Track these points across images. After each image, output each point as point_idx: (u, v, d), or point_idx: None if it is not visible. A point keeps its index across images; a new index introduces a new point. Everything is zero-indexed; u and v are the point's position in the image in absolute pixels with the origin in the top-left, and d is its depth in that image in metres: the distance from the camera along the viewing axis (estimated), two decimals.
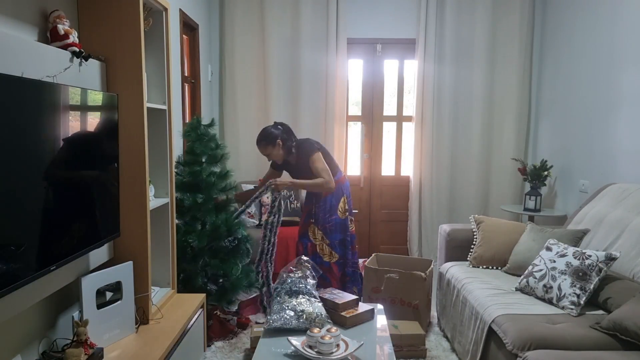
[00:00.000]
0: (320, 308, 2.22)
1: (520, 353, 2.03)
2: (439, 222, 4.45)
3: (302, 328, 2.13)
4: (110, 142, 2.01)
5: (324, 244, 3.30)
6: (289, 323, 2.15)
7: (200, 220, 2.97)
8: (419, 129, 4.62)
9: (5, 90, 1.37)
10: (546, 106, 4.45)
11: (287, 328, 2.15)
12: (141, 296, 2.21)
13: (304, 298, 2.23)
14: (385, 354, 2.05)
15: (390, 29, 4.61)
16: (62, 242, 1.70)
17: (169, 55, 2.40)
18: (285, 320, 2.16)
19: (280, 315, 2.18)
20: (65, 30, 1.78)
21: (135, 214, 2.18)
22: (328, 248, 3.30)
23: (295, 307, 2.18)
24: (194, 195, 2.91)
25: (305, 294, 2.25)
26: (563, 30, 4.15)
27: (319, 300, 2.30)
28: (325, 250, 3.30)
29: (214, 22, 4.56)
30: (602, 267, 2.41)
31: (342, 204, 3.32)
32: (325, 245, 3.30)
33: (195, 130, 2.98)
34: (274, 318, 2.18)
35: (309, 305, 2.20)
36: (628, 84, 3.27)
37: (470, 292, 2.69)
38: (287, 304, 2.21)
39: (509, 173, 4.64)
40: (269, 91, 4.56)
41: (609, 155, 3.46)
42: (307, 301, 2.22)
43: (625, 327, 2.00)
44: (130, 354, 1.95)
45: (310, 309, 2.18)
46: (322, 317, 2.18)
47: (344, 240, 3.33)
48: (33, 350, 1.78)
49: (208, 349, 2.86)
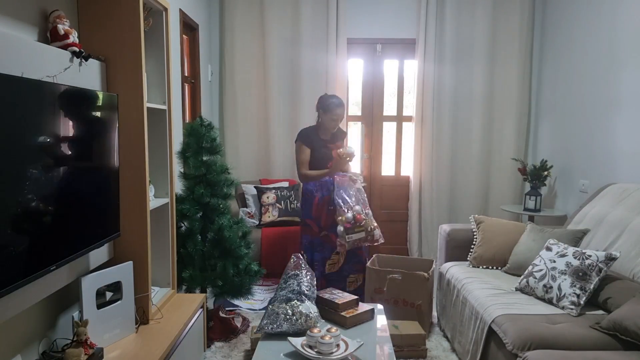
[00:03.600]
0: (309, 307, 2.18)
1: (520, 353, 2.03)
2: (439, 222, 4.45)
3: (295, 330, 2.12)
4: (110, 142, 2.01)
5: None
6: (279, 327, 2.13)
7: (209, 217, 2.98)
8: (419, 129, 4.62)
9: (5, 90, 1.37)
10: (546, 106, 4.45)
11: (279, 332, 2.13)
12: (141, 296, 2.21)
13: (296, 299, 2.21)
14: (385, 354, 2.05)
15: (390, 29, 4.61)
16: (62, 242, 1.70)
17: (169, 55, 2.40)
18: (276, 325, 2.14)
19: (271, 319, 2.16)
20: (65, 30, 1.78)
21: (135, 214, 2.18)
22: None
23: (287, 310, 2.16)
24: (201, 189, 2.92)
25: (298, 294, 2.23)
26: (563, 30, 4.15)
27: (311, 298, 2.27)
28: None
29: (214, 22, 4.56)
30: (602, 267, 2.41)
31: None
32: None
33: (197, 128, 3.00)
34: (264, 323, 2.17)
35: (298, 306, 2.17)
36: (628, 84, 3.27)
37: (470, 292, 2.69)
38: (280, 307, 2.19)
39: (509, 173, 4.64)
40: (269, 91, 4.57)
41: (609, 155, 3.46)
42: (297, 302, 2.19)
43: (625, 327, 2.00)
44: (130, 354, 1.95)
45: (300, 309, 2.16)
46: (312, 316, 2.16)
47: None
48: (33, 350, 1.78)
49: (208, 349, 2.86)
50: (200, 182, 2.96)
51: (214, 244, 2.97)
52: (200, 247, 2.94)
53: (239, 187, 4.48)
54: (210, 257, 2.97)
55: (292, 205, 4.27)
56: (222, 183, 3.00)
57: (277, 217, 4.19)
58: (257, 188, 4.36)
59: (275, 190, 4.29)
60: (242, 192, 4.44)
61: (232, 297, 3.07)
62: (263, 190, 4.31)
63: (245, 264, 3.03)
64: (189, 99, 4.03)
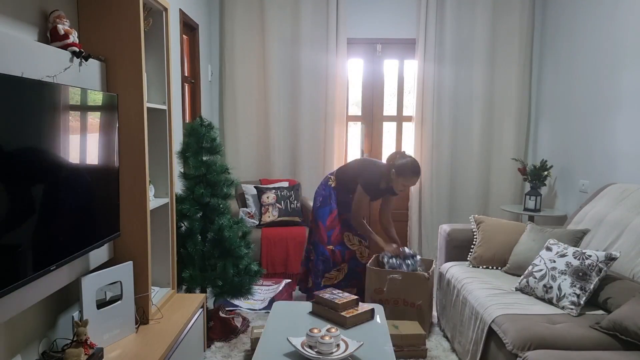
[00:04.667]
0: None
1: (520, 353, 2.03)
2: (439, 222, 4.45)
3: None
4: (110, 142, 2.01)
5: (363, 247, 3.41)
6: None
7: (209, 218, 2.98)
8: (419, 129, 4.62)
9: (5, 90, 1.37)
10: (546, 106, 4.45)
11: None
12: (141, 296, 2.21)
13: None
14: (385, 354, 2.05)
15: (390, 29, 4.61)
16: (62, 242, 1.70)
17: (169, 55, 2.40)
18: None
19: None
20: (65, 30, 1.78)
21: (135, 214, 2.18)
22: (367, 250, 3.41)
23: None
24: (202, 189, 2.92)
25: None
26: (563, 30, 4.15)
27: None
28: (364, 253, 3.41)
29: (214, 22, 4.56)
30: (602, 267, 2.41)
31: None
32: (364, 248, 3.41)
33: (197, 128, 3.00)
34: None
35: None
36: (628, 84, 3.27)
37: (470, 292, 2.69)
38: None
39: (509, 173, 4.64)
40: (269, 91, 4.57)
41: (609, 155, 3.46)
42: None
43: (625, 327, 2.00)
44: (130, 354, 1.95)
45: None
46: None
47: None
48: (33, 350, 1.78)
49: (208, 349, 2.86)
50: (200, 182, 2.96)
51: (214, 244, 2.97)
52: (200, 247, 2.94)
53: (239, 187, 4.48)
54: (210, 257, 2.97)
55: (292, 205, 4.27)
56: (222, 183, 3.00)
57: (277, 217, 4.19)
58: (257, 188, 4.36)
59: (275, 190, 4.30)
60: (242, 192, 4.44)
61: (232, 297, 3.08)
62: (263, 190, 4.31)
63: (245, 264, 3.03)
64: (189, 99, 4.03)
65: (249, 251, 3.07)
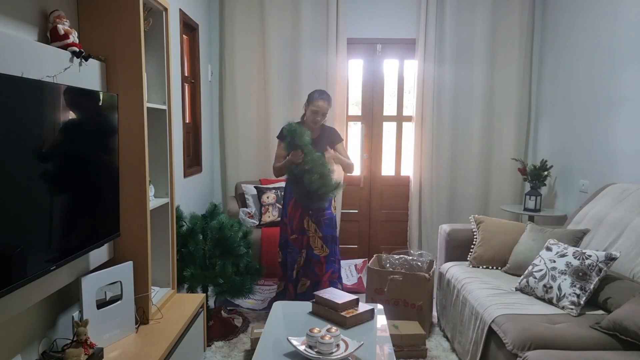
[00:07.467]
0: None
1: (520, 353, 2.03)
2: (439, 222, 4.45)
3: None
4: (110, 142, 2.01)
5: (317, 237, 3.29)
6: None
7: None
8: (419, 129, 4.62)
9: (5, 90, 1.37)
10: (546, 106, 4.45)
11: None
12: (141, 296, 2.21)
13: None
14: (385, 354, 2.05)
15: (390, 29, 4.60)
16: (62, 241, 1.70)
17: (169, 55, 2.40)
18: None
19: None
20: (65, 30, 1.78)
21: (135, 214, 2.18)
22: (320, 241, 3.29)
23: None
24: None
25: None
26: (563, 30, 4.15)
27: None
28: (317, 243, 3.29)
29: (214, 22, 4.56)
30: (602, 267, 2.41)
31: (334, 200, 3.34)
32: (317, 238, 3.29)
33: None
34: None
35: None
36: (628, 84, 3.27)
37: (470, 292, 2.69)
38: None
39: (509, 173, 4.64)
40: (269, 91, 4.56)
41: (609, 155, 3.46)
42: None
43: (625, 327, 2.00)
44: (130, 354, 1.95)
45: None
46: None
47: (334, 237, 3.34)
48: (33, 350, 1.78)
49: (208, 349, 2.86)
50: None
51: (214, 243, 2.97)
52: (201, 246, 2.94)
53: (239, 187, 4.48)
54: (212, 256, 2.97)
55: None
56: None
57: (277, 217, 4.19)
58: (257, 188, 4.36)
59: (275, 190, 4.29)
60: (242, 192, 4.44)
61: (233, 297, 3.08)
62: (263, 190, 4.31)
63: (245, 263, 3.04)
64: (189, 99, 4.03)
65: (248, 250, 3.07)
